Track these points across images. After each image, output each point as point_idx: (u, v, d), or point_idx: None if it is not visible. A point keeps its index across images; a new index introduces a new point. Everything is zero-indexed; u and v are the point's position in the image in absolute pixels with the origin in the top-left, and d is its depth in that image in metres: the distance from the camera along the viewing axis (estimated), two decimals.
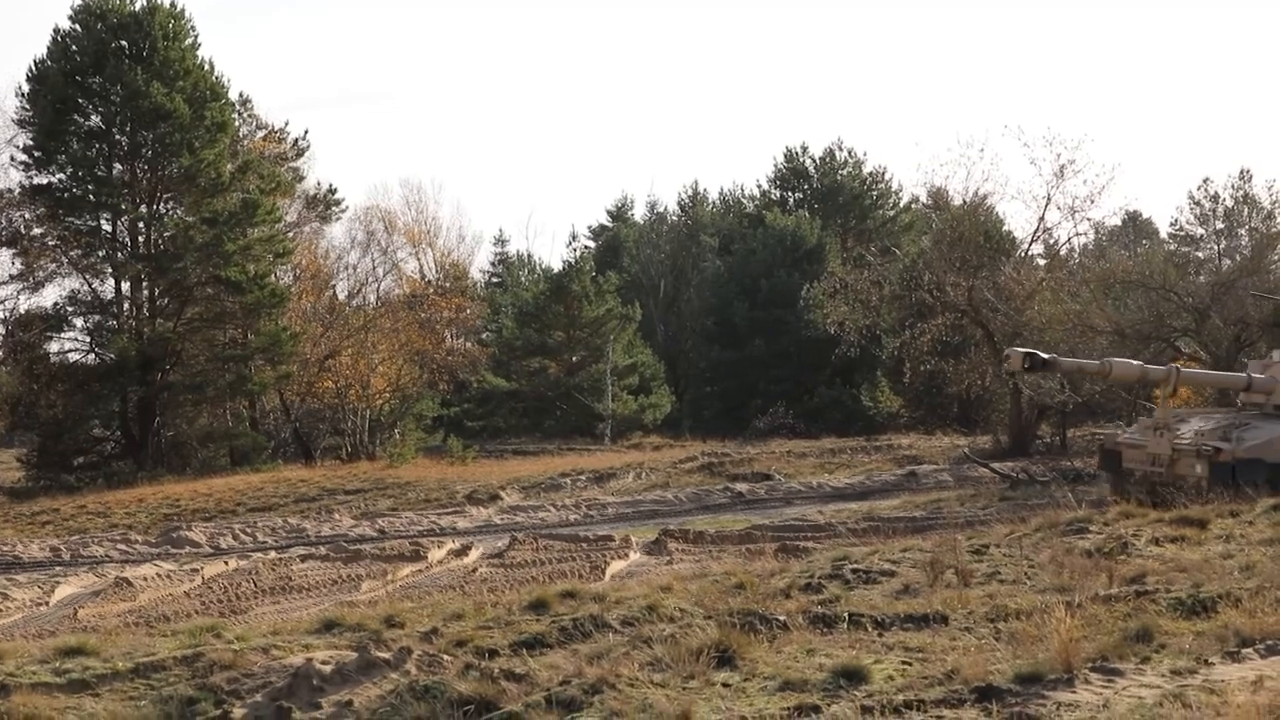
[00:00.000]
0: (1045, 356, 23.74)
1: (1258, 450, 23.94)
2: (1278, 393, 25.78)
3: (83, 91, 45.10)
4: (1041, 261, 48.34)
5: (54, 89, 44.69)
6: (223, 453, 47.00)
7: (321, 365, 50.87)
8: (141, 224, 46.08)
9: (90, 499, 35.69)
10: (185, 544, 25.85)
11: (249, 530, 27.43)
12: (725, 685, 9.51)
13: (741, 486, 33.36)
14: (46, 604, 18.49)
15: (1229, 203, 62.14)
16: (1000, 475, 34.94)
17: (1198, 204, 67.49)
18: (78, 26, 45.45)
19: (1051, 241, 48.74)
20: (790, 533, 23.98)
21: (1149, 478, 24.94)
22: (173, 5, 45.94)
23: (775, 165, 73.11)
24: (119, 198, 45.39)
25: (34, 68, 45.68)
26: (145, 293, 47.03)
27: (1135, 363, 25.42)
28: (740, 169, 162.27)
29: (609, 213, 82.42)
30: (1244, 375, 26.26)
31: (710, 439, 48.99)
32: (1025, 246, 48.56)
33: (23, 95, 46.04)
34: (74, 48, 45.33)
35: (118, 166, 45.94)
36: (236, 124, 49.94)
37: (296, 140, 56.13)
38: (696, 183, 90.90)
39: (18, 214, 46.67)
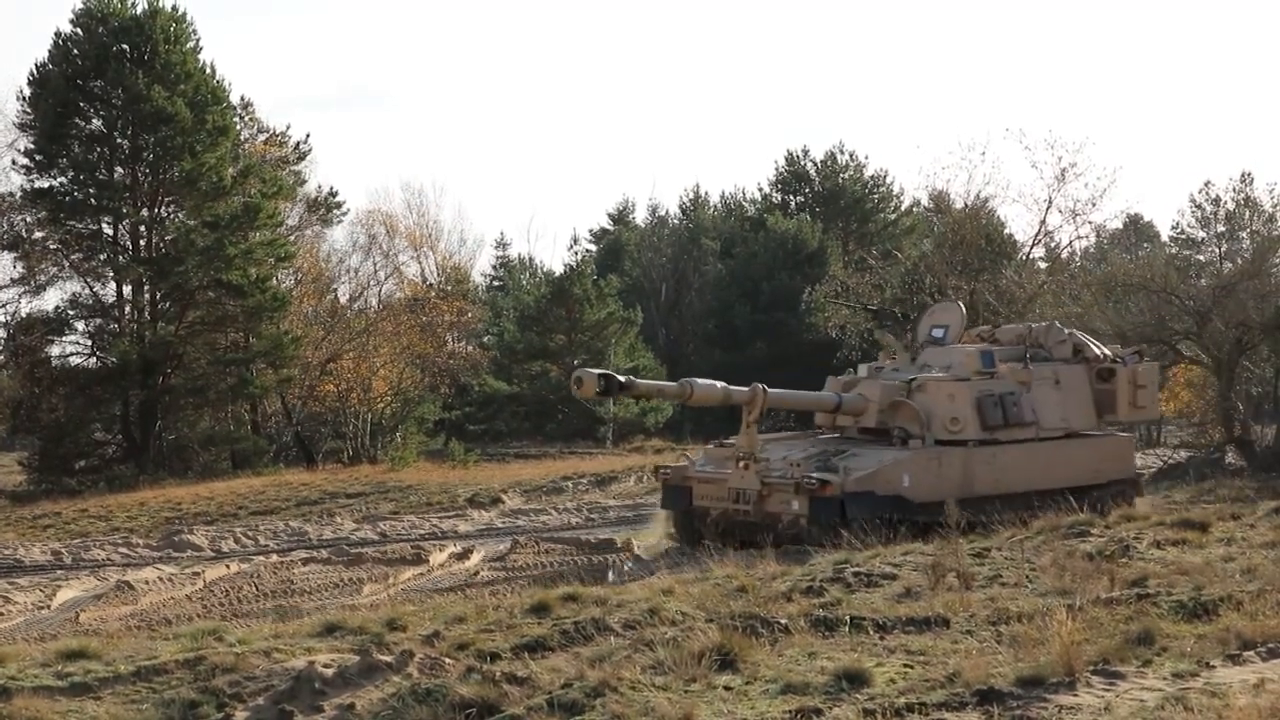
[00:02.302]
0: (621, 379, 20.68)
1: (868, 482, 21.09)
2: (869, 413, 23.11)
3: (84, 95, 45.11)
4: (1043, 265, 48.39)
5: (55, 92, 44.69)
6: (224, 456, 46.99)
7: (323, 369, 50.86)
8: (143, 228, 46.09)
9: (92, 502, 35.69)
10: (187, 547, 25.85)
11: (250, 533, 27.44)
12: (727, 688, 9.51)
13: None
14: (48, 607, 18.49)
15: (1230, 206, 62.22)
16: None
17: (1199, 207, 67.58)
18: (79, 30, 45.46)
19: (1053, 245, 48.85)
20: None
21: (729, 517, 21.70)
22: (174, 8, 45.96)
23: (777, 168, 73.23)
24: (120, 201, 45.40)
25: (35, 71, 45.70)
26: (147, 296, 47.03)
27: (719, 385, 22.22)
28: (741, 172, 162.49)
29: (610, 216, 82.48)
30: (833, 396, 23.52)
31: (711, 440, 48.87)
32: (1027, 250, 48.63)
33: (24, 99, 46.08)
34: (75, 51, 45.34)
35: (119, 170, 45.93)
36: (238, 128, 49.93)
37: (298, 144, 56.15)
38: (698, 186, 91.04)
39: (19, 217, 46.68)
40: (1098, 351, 25.37)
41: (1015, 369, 23.69)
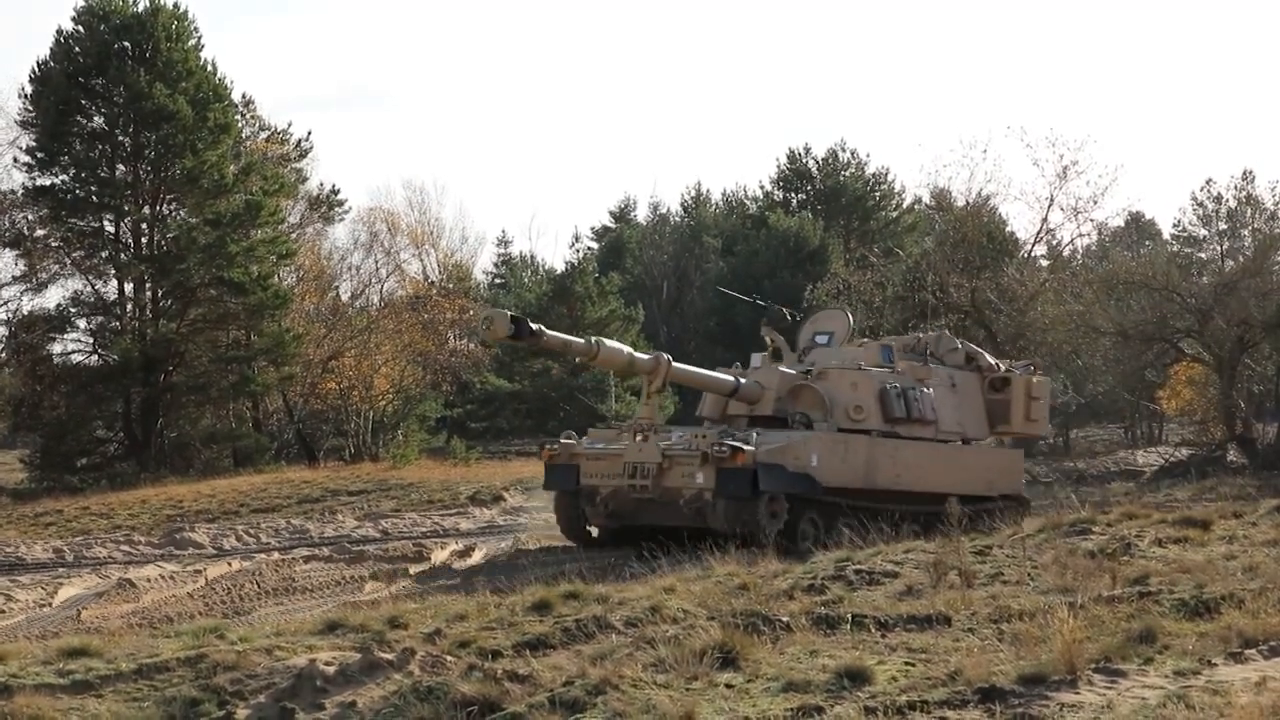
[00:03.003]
0: (532, 326, 19.23)
1: (779, 455, 20.35)
2: (765, 401, 22.25)
3: (85, 93, 45.10)
4: (1044, 262, 48.47)
5: (57, 90, 44.68)
6: (226, 454, 46.98)
7: (325, 366, 50.84)
8: (144, 225, 46.07)
9: (93, 500, 35.67)
10: (188, 545, 25.86)
11: (252, 531, 27.44)
12: (728, 686, 9.52)
13: None
14: (49, 605, 18.48)
15: (1232, 204, 62.15)
16: None
17: (1200, 205, 67.52)
18: (80, 28, 45.44)
19: (1054, 242, 48.94)
20: None
21: (621, 496, 20.75)
22: (175, 6, 45.95)
23: (778, 166, 73.22)
24: (122, 199, 45.38)
25: (37, 69, 45.67)
26: (148, 294, 47.01)
27: (625, 349, 21.38)
28: (743, 170, 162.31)
29: (612, 214, 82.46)
30: (731, 378, 22.54)
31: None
32: (1028, 247, 48.70)
33: (25, 96, 46.04)
34: (77, 49, 45.32)
35: (121, 168, 45.91)
36: (239, 125, 49.91)
37: (299, 141, 56.15)
38: (699, 184, 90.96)
39: (21, 215, 46.65)
40: (991, 361, 25.30)
41: (914, 366, 23.42)
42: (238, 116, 49.71)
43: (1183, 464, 34.63)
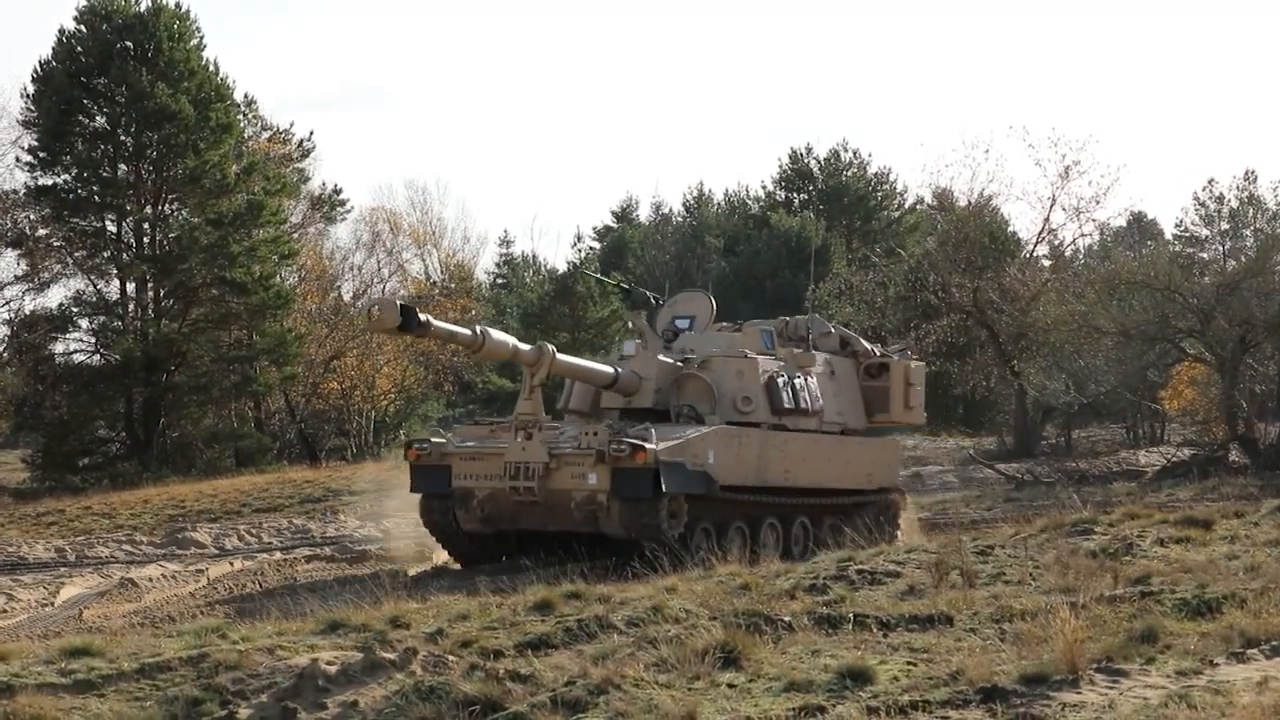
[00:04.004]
0: (421, 317, 17.77)
1: (679, 453, 18.64)
2: (644, 392, 20.50)
3: (87, 92, 45.11)
4: (1046, 262, 48.49)
5: (59, 90, 44.68)
6: (228, 454, 46.98)
7: (326, 366, 50.87)
8: (146, 225, 46.09)
9: (95, 500, 35.67)
10: (190, 545, 25.89)
11: (254, 531, 27.47)
12: (730, 686, 9.52)
13: None
14: (51, 605, 18.49)
15: (1234, 204, 62.18)
16: (1005, 476, 34.99)
17: (1203, 205, 67.47)
18: (82, 27, 45.44)
19: (1056, 242, 48.95)
20: None
21: (501, 499, 18.92)
22: (177, 6, 45.96)
23: (780, 166, 73.18)
24: (124, 199, 45.39)
25: (39, 68, 45.68)
26: (150, 294, 47.03)
27: (510, 340, 19.60)
28: (745, 170, 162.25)
29: (614, 214, 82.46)
30: (611, 369, 20.61)
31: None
32: (1030, 247, 48.73)
33: (27, 96, 46.05)
34: (79, 48, 45.32)
35: (123, 167, 45.91)
36: (241, 125, 49.93)
37: (301, 141, 56.19)
38: (701, 183, 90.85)
39: (23, 215, 46.67)
40: (867, 346, 23.95)
41: (797, 353, 21.89)
42: (240, 116, 49.75)
43: (1185, 464, 34.63)
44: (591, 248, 77.95)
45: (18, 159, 46.28)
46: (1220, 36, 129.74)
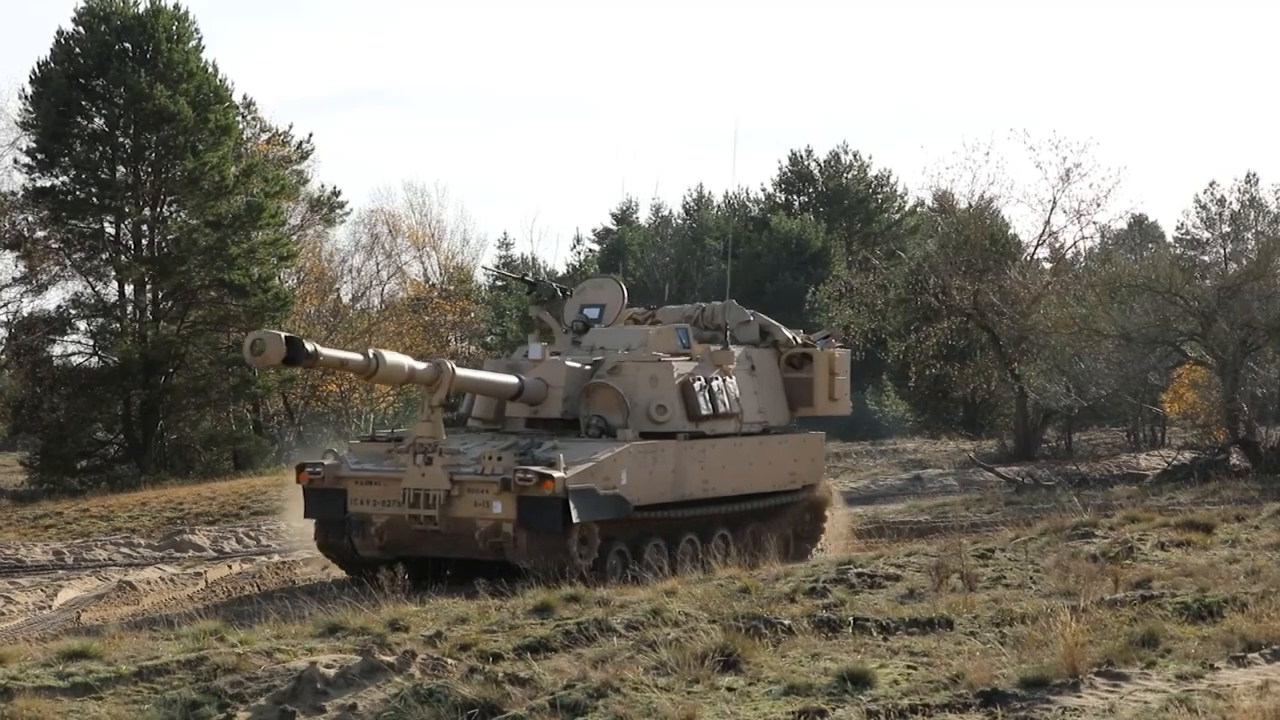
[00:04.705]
0: (309, 347, 16.56)
1: (589, 477, 17.45)
2: (551, 401, 19.28)
3: (86, 94, 45.08)
4: (1047, 265, 48.42)
5: (57, 91, 44.65)
6: (226, 456, 46.92)
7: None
8: (145, 227, 46.06)
9: (93, 502, 35.63)
10: (189, 547, 25.88)
11: (252, 534, 27.43)
12: (730, 689, 9.50)
13: None
14: (49, 607, 18.49)
15: (1235, 206, 62.05)
16: (1006, 479, 34.96)
17: (1204, 207, 67.40)
18: (81, 28, 45.41)
19: (1057, 245, 48.85)
20: None
21: (401, 527, 17.90)
22: (176, 7, 45.95)
23: (780, 168, 73.19)
24: (122, 201, 45.36)
25: (37, 70, 45.63)
26: (149, 296, 46.98)
27: (405, 361, 18.21)
28: (745, 172, 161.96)
29: (614, 216, 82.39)
30: (515, 380, 19.35)
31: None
32: (1031, 250, 48.66)
33: (26, 97, 46.02)
34: (77, 50, 45.29)
35: (121, 169, 45.87)
36: (240, 127, 49.91)
37: (300, 143, 56.16)
38: (701, 185, 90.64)
39: (21, 217, 46.62)
40: (788, 335, 22.60)
41: (715, 350, 20.54)
42: (238, 118, 49.70)
43: (1185, 467, 34.57)
44: (591, 250, 77.88)
45: (16, 161, 46.27)
46: (1221, 39, 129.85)
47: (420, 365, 18.31)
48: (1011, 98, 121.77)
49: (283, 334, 16.61)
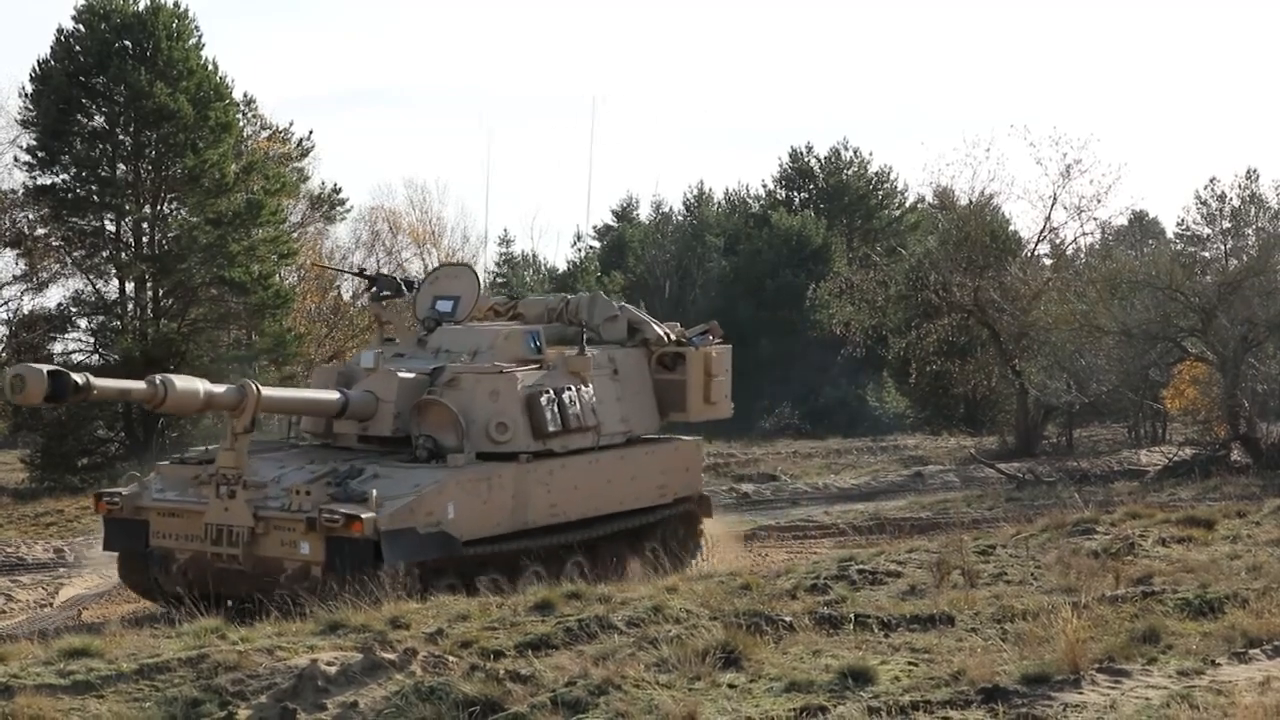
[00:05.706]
0: (77, 379, 14.58)
1: (408, 516, 15.59)
2: (382, 417, 17.27)
3: (86, 91, 45.05)
4: (1048, 261, 48.38)
5: (57, 89, 44.63)
6: None
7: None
8: (145, 225, 46.02)
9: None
10: None
11: None
12: (731, 686, 9.50)
13: (747, 487, 33.43)
14: (50, 605, 18.49)
15: (1236, 202, 62.03)
16: (1006, 476, 34.95)
17: (1204, 204, 67.32)
18: (81, 26, 45.37)
19: (1058, 241, 48.81)
20: (796, 533, 23.99)
21: (205, 564, 16.17)
22: (176, 5, 45.91)
23: (780, 165, 73.18)
24: (123, 198, 45.32)
25: (37, 68, 45.60)
26: (149, 293, 46.96)
27: (199, 385, 16.06)
28: (745, 169, 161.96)
29: (614, 213, 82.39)
30: (338, 396, 17.37)
31: (716, 439, 48.94)
32: (1031, 246, 48.60)
33: (26, 95, 45.98)
34: (77, 47, 45.26)
35: (121, 167, 45.83)
36: (241, 124, 49.89)
37: (301, 140, 56.12)
38: (701, 182, 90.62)
39: (21, 214, 46.61)
40: (659, 331, 20.31)
41: (569, 356, 18.55)
42: (239, 115, 49.65)
43: (1186, 463, 34.56)
44: (591, 247, 77.88)
45: (16, 158, 46.23)
46: (1221, 35, 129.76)
47: (219, 389, 16.41)
48: (1012, 94, 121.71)
49: (45, 368, 14.62)
